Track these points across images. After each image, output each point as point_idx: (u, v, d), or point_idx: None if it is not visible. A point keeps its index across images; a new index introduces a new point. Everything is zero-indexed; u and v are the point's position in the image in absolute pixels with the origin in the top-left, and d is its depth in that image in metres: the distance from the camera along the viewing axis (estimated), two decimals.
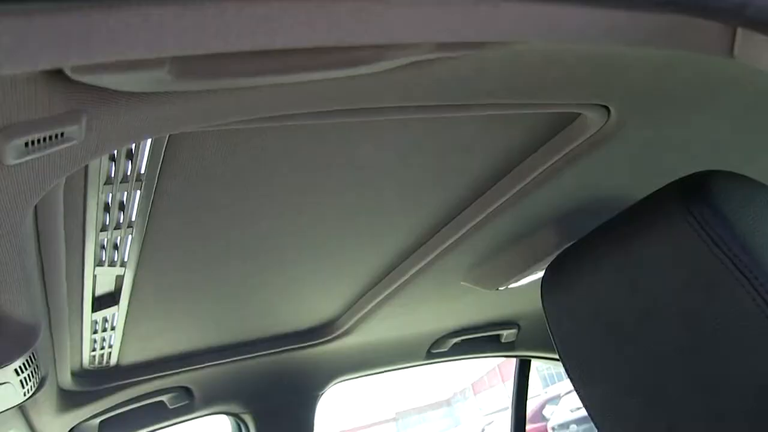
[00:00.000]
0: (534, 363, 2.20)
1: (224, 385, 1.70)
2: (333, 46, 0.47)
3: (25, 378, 0.96)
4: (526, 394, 2.19)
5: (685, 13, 0.53)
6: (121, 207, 0.84)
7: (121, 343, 1.34)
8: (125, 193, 0.80)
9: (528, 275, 1.39)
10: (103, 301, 1.12)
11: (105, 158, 0.72)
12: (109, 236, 0.89)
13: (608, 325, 0.90)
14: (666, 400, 0.84)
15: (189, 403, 1.70)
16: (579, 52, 0.66)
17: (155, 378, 1.56)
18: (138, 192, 0.80)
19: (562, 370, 1.02)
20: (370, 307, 1.48)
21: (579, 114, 0.86)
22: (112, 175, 0.76)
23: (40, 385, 1.09)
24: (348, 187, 0.93)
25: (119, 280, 1.06)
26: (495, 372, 27.19)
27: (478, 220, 1.11)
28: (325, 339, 1.65)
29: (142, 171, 0.77)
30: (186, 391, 1.68)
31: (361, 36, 0.46)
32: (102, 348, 1.35)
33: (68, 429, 1.54)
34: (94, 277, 1.01)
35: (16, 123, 0.43)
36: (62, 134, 0.47)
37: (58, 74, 0.42)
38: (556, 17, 0.52)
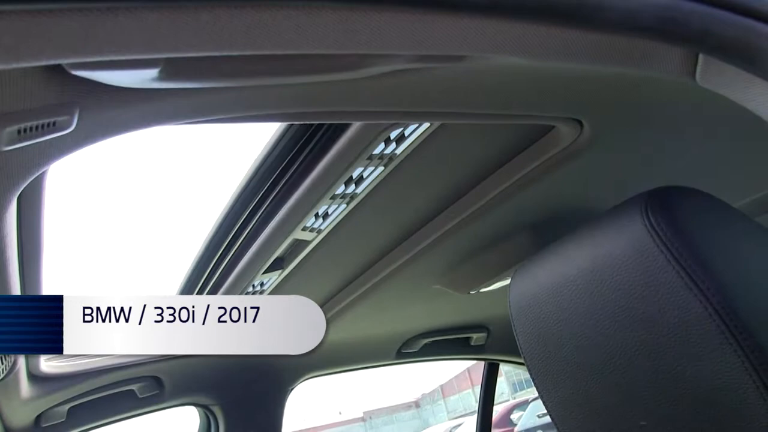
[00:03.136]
0: (504, 369, 2.23)
1: (195, 377, 1.70)
2: (318, 53, 0.49)
3: None
4: (493, 396, 2.22)
5: (651, 39, 0.56)
6: (358, 182, 0.91)
7: None
8: (372, 168, 0.87)
9: (499, 280, 1.41)
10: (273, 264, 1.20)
11: (376, 138, 0.78)
12: (327, 205, 0.96)
13: (571, 330, 0.92)
14: (626, 405, 0.87)
15: (159, 393, 1.70)
16: (555, 68, 0.69)
17: (126, 366, 1.56)
18: (381, 169, 0.86)
19: None
20: (343, 305, 1.50)
21: (553, 127, 0.89)
22: (375, 153, 0.81)
23: (11, 369, 1.09)
24: None
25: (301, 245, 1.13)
26: (465, 376, 27.25)
27: (452, 224, 1.13)
28: None
29: (398, 152, 0.82)
30: (156, 380, 1.68)
31: (346, 45, 0.48)
32: None
33: (37, 414, 1.53)
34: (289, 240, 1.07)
35: (12, 111, 0.45)
36: (54, 123, 0.49)
37: (56, 68, 0.44)
38: (532, 36, 0.54)
